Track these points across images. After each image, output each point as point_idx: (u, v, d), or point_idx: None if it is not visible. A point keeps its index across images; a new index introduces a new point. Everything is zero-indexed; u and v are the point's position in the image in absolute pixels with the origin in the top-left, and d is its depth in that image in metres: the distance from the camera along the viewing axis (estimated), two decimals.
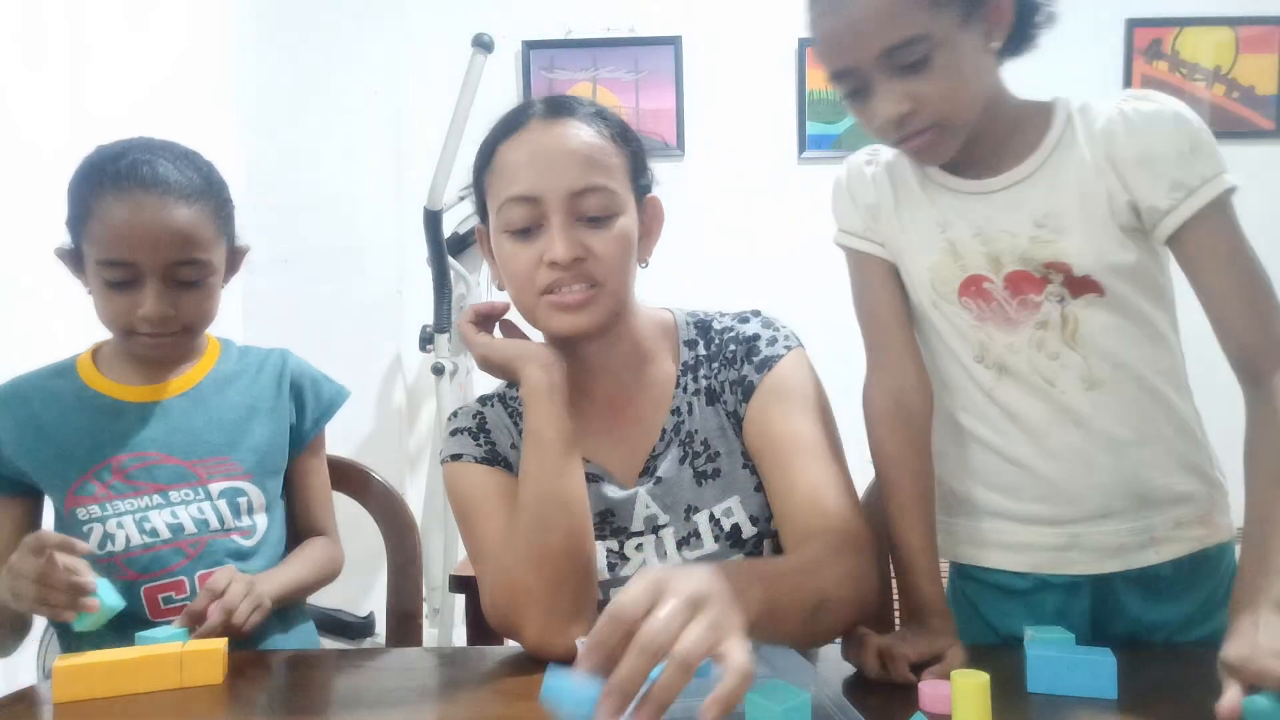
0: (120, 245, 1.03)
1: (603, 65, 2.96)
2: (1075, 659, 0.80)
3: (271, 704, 0.87)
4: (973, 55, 0.89)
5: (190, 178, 1.07)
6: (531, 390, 0.96)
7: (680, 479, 1.01)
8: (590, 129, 0.96)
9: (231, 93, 2.74)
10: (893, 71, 0.87)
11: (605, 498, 1.02)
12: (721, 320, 1.06)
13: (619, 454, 1.03)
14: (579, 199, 0.93)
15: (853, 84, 0.91)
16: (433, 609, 2.49)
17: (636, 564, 1.00)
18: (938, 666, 0.84)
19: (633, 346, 1.03)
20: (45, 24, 1.89)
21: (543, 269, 0.94)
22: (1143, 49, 2.89)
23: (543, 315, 0.96)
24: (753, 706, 0.67)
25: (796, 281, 2.87)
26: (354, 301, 2.76)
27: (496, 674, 0.93)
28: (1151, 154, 0.89)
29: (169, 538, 1.08)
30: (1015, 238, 0.94)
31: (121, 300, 1.05)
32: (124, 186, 1.03)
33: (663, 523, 1.00)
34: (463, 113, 2.39)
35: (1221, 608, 0.98)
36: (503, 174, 0.96)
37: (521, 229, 0.95)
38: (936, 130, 0.90)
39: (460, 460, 1.02)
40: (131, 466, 1.09)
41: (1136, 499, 0.96)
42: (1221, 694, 0.70)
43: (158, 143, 1.10)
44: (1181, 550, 0.96)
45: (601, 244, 0.94)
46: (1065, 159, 0.94)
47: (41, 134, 1.77)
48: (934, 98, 0.88)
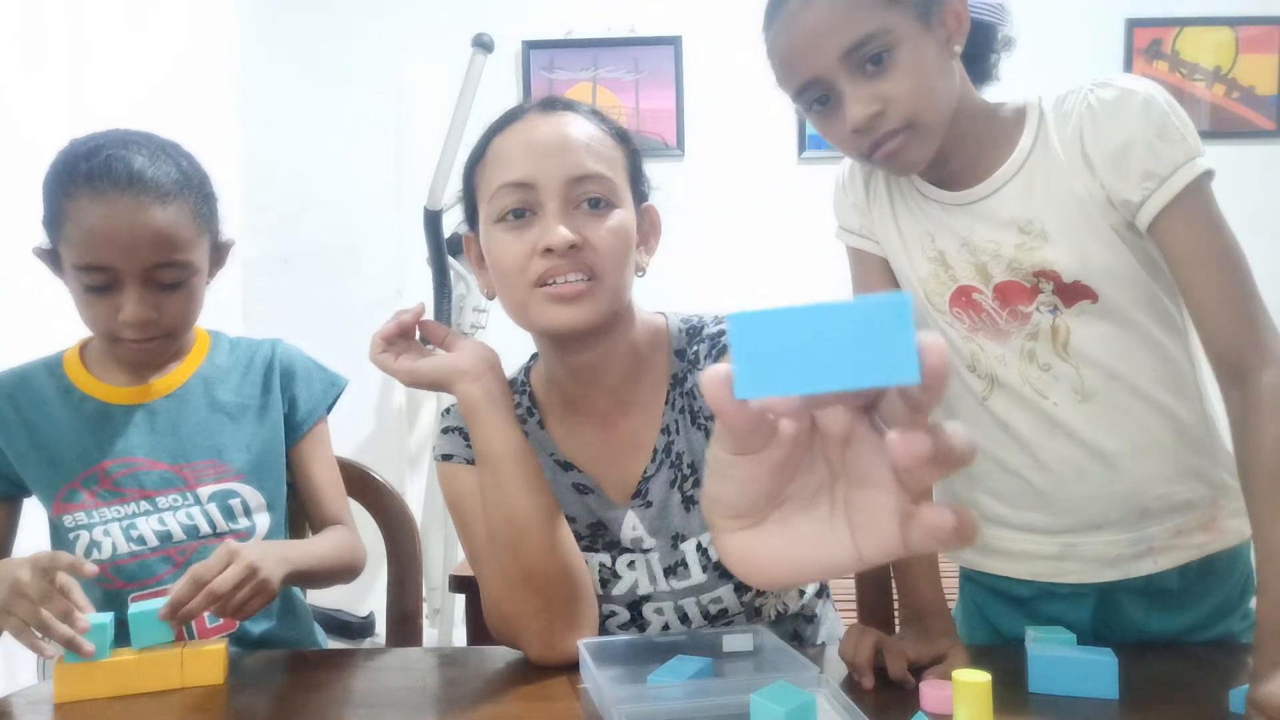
0: (96, 249, 0.98)
1: (603, 65, 2.95)
2: (1076, 659, 0.80)
3: (271, 704, 0.87)
4: (935, 56, 0.88)
5: (167, 172, 1.01)
6: (468, 408, 0.91)
7: (670, 504, 0.97)
8: (589, 122, 0.93)
9: (231, 93, 2.74)
10: (857, 72, 0.87)
11: (595, 511, 0.99)
12: (715, 324, 1.00)
13: (612, 470, 0.99)
14: (576, 185, 0.88)
15: (818, 93, 0.90)
16: (433, 609, 2.49)
17: (629, 583, 0.98)
18: (939, 667, 0.84)
19: (629, 357, 0.97)
20: (45, 24, 1.89)
21: (536, 258, 0.87)
22: (1143, 49, 2.89)
23: (536, 309, 0.89)
24: (757, 708, 0.67)
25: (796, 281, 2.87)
26: (354, 301, 2.76)
27: (496, 674, 0.93)
28: (1118, 145, 0.87)
29: (156, 545, 1.05)
30: (1000, 246, 0.93)
31: (101, 305, 1.01)
32: (98, 187, 0.98)
33: (648, 547, 0.97)
34: (463, 113, 2.39)
35: (1231, 614, 0.98)
36: (496, 162, 0.91)
37: (515, 212, 0.89)
38: (908, 132, 0.88)
39: (452, 461, 1.00)
40: (118, 473, 1.06)
41: (1133, 510, 0.94)
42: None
43: (134, 135, 1.04)
44: (1181, 559, 0.95)
45: (599, 234, 0.88)
46: (1040, 161, 0.92)
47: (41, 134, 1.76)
48: (901, 96, 0.86)
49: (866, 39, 0.85)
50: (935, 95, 0.89)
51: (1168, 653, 0.93)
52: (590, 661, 0.82)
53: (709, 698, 0.76)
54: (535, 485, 0.91)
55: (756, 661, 0.88)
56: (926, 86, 0.88)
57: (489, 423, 0.91)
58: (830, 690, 0.76)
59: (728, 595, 0.96)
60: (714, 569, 0.96)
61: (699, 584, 0.96)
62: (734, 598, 0.96)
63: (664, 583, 0.97)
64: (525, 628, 0.91)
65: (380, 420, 2.81)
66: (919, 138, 0.89)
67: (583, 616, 0.92)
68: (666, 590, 0.97)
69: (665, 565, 0.97)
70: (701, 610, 0.97)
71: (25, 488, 1.09)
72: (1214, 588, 0.98)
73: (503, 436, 0.91)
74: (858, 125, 0.88)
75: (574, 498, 0.99)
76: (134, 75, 2.14)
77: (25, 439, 1.07)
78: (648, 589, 0.97)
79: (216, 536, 1.08)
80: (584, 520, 0.99)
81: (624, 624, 0.99)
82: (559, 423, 1.01)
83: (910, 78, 0.87)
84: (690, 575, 0.96)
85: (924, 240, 0.98)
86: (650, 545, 0.97)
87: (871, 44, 0.85)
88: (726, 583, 0.96)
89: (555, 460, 1.00)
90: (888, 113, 0.87)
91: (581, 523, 0.99)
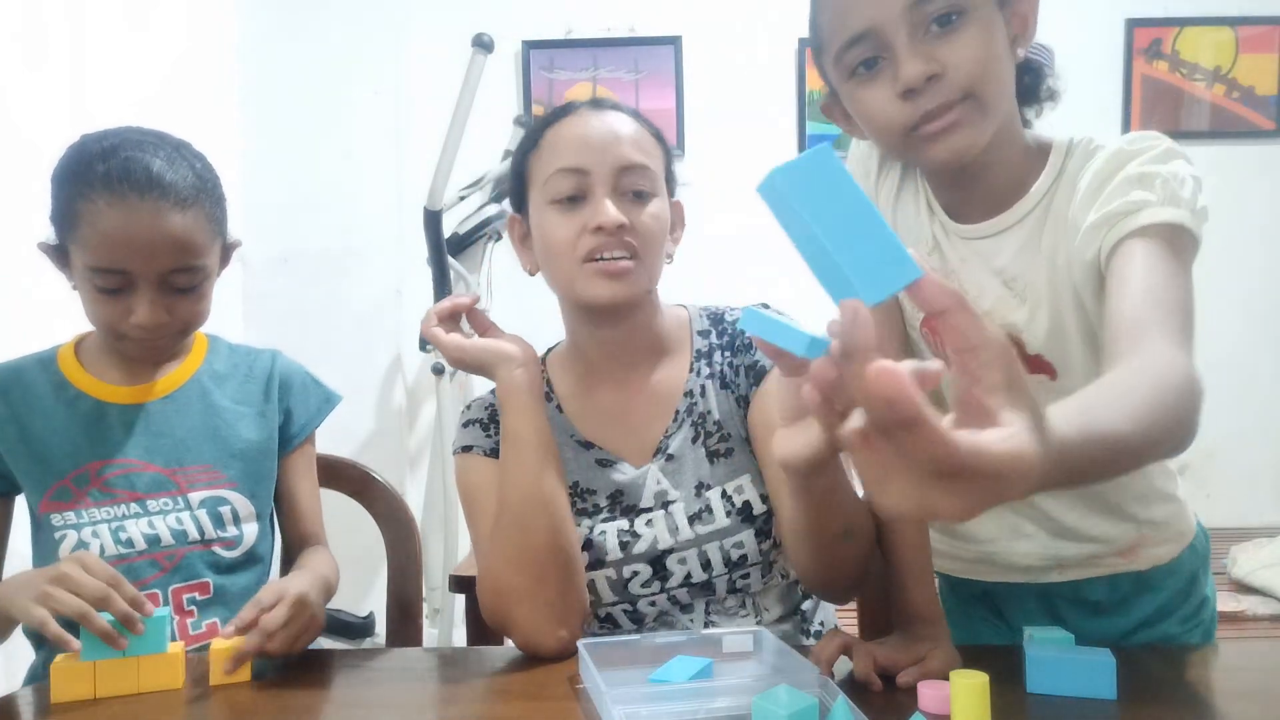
0: (113, 253, 0.97)
1: (603, 65, 2.95)
2: (1074, 659, 0.80)
3: (271, 704, 0.87)
4: (1004, 42, 0.80)
5: (185, 176, 1.01)
6: (509, 390, 0.98)
7: (690, 457, 1.02)
8: (634, 121, 1.01)
9: (231, 93, 2.74)
10: (919, 29, 0.78)
11: (615, 479, 1.03)
12: (733, 313, 1.08)
13: (632, 438, 1.05)
14: (624, 174, 0.97)
15: (868, 52, 0.80)
16: (433, 609, 2.49)
17: (648, 540, 1.01)
18: (916, 668, 0.84)
19: (652, 336, 1.05)
20: (45, 24, 1.89)
21: (586, 236, 0.96)
22: (1143, 49, 2.89)
23: (583, 282, 0.97)
24: (759, 712, 0.67)
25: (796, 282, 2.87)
26: (354, 301, 2.76)
27: (496, 674, 0.93)
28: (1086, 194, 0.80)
29: (144, 549, 1.04)
30: (982, 294, 0.89)
31: (112, 306, 1.00)
32: (116, 190, 0.96)
33: (673, 498, 1.02)
34: (463, 113, 2.39)
35: (1169, 617, 1.00)
36: (552, 149, 0.99)
37: (568, 198, 0.97)
38: (966, 104, 0.79)
39: (470, 452, 1.04)
40: (110, 474, 1.05)
41: (1048, 532, 0.98)
42: None
43: (149, 135, 1.03)
44: (1089, 574, 0.99)
45: (642, 219, 0.97)
46: (1045, 218, 0.86)
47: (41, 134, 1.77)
48: (964, 63, 0.77)
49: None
50: (1002, 75, 0.80)
51: (1166, 653, 0.93)
52: (590, 662, 0.82)
53: (710, 698, 0.76)
54: (555, 471, 0.97)
55: (756, 662, 0.89)
56: (994, 60, 0.79)
57: (527, 409, 0.97)
58: (831, 691, 0.76)
59: (749, 540, 1.00)
60: (737, 514, 1.00)
61: (723, 528, 1.00)
62: (754, 543, 1.00)
63: (688, 530, 1.00)
64: (516, 606, 0.94)
65: (380, 420, 2.81)
66: (976, 117, 0.80)
67: (571, 603, 0.95)
68: (690, 538, 1.00)
69: (690, 513, 1.01)
70: (724, 555, 1.00)
71: (16, 484, 1.07)
72: (1148, 598, 1.00)
73: (536, 424, 0.97)
74: (910, 84, 0.78)
75: (597, 472, 1.04)
76: (134, 75, 2.14)
77: (16, 434, 1.05)
78: (669, 542, 1.01)
79: (204, 543, 1.07)
80: (604, 491, 1.04)
81: (646, 580, 1.01)
82: (578, 405, 1.07)
83: (977, 46, 0.78)
84: (715, 520, 1.00)
85: (918, 248, 0.94)
86: (675, 496, 1.02)
87: (943, 0, 0.77)
88: (748, 527, 1.00)
89: (576, 441, 1.05)
90: (947, 78, 0.78)
91: (602, 494, 1.04)
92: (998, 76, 0.80)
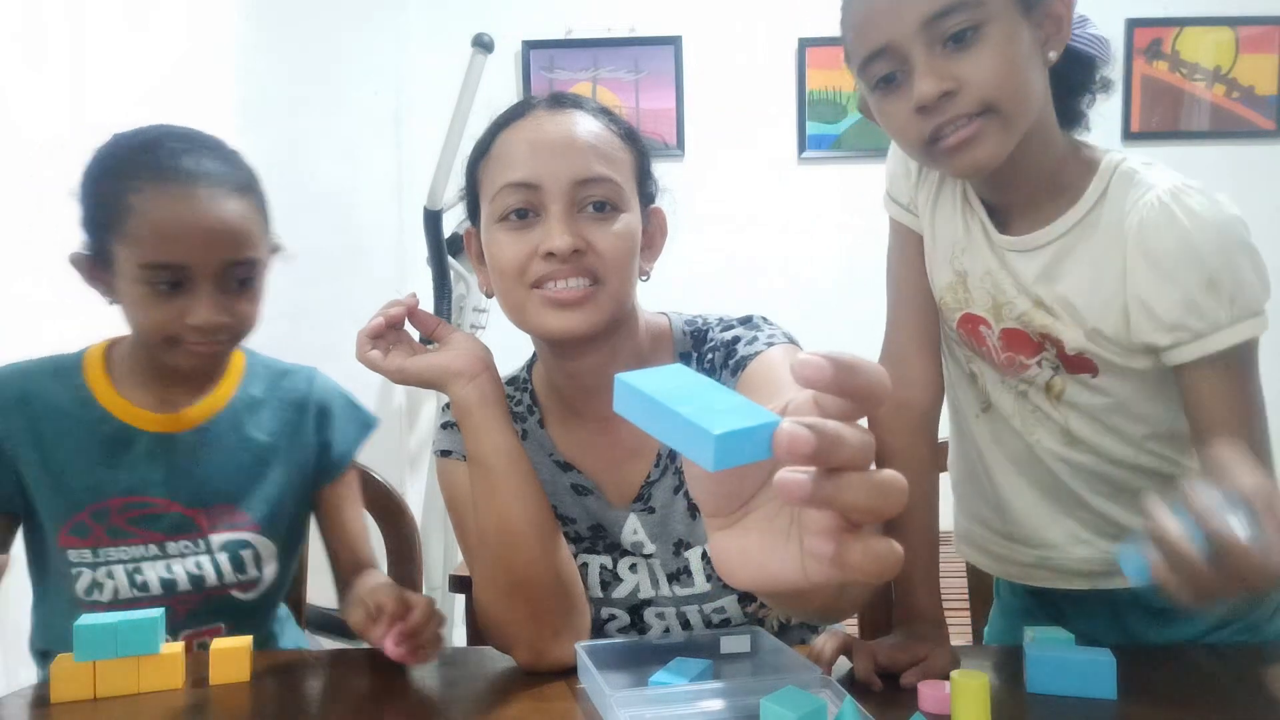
0: (169, 246, 0.91)
1: (603, 65, 2.95)
2: (1075, 659, 0.80)
3: (270, 704, 0.87)
4: (1028, 50, 0.79)
5: (234, 167, 0.97)
6: (461, 410, 0.89)
7: (673, 511, 0.95)
8: (597, 122, 0.90)
9: (231, 92, 2.73)
10: (935, 45, 0.78)
11: (592, 511, 0.98)
12: (715, 329, 0.97)
13: (613, 474, 0.98)
14: (582, 188, 0.86)
15: (887, 68, 0.81)
16: None
17: (630, 585, 0.97)
18: (917, 668, 0.84)
19: (632, 360, 0.94)
20: (45, 24, 1.89)
21: (537, 261, 0.85)
22: (1143, 49, 2.89)
23: (533, 312, 0.87)
24: (768, 713, 0.67)
25: (796, 282, 2.87)
26: (354, 301, 2.75)
27: (496, 675, 0.92)
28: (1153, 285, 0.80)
29: (159, 594, 1.00)
30: (1017, 302, 0.89)
31: (167, 307, 0.93)
32: (168, 178, 0.91)
33: (649, 552, 0.96)
34: (463, 113, 2.39)
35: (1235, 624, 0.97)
36: (501, 160, 0.89)
37: (517, 212, 0.86)
38: (984, 119, 0.78)
39: (449, 457, 0.99)
40: (131, 512, 1.00)
41: (1104, 536, 0.95)
42: None
43: (186, 130, 0.98)
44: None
45: (604, 238, 0.86)
46: (1089, 238, 0.84)
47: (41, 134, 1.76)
48: (981, 78, 0.77)
49: (952, 8, 0.76)
50: (1024, 86, 0.79)
51: (1166, 653, 0.93)
52: (589, 663, 0.82)
53: (711, 699, 0.76)
54: (528, 492, 0.89)
55: (755, 663, 0.88)
56: (1014, 73, 0.78)
57: (482, 426, 0.88)
58: (834, 690, 0.76)
59: (731, 605, 0.96)
60: (719, 579, 0.94)
61: (703, 593, 0.95)
62: (737, 608, 0.96)
63: (666, 588, 0.96)
64: (514, 634, 0.90)
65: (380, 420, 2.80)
66: (996, 128, 0.79)
67: (573, 625, 0.91)
68: (669, 596, 0.96)
69: (668, 571, 0.96)
70: (704, 618, 0.97)
71: (31, 509, 1.00)
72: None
73: (496, 441, 0.88)
74: (923, 101, 0.78)
75: (573, 499, 0.98)
76: (134, 75, 2.14)
77: (37, 456, 0.99)
78: (649, 593, 0.97)
79: (222, 588, 1.04)
80: (584, 521, 0.98)
81: (624, 627, 0.99)
82: (559, 423, 1.00)
83: (996, 60, 0.77)
84: (694, 583, 0.95)
85: (953, 249, 0.94)
86: (651, 550, 0.96)
87: (957, 16, 0.77)
88: (731, 594, 0.95)
89: (554, 460, 0.99)
90: (962, 94, 0.78)
91: (581, 524, 0.98)
92: (1020, 86, 0.79)
